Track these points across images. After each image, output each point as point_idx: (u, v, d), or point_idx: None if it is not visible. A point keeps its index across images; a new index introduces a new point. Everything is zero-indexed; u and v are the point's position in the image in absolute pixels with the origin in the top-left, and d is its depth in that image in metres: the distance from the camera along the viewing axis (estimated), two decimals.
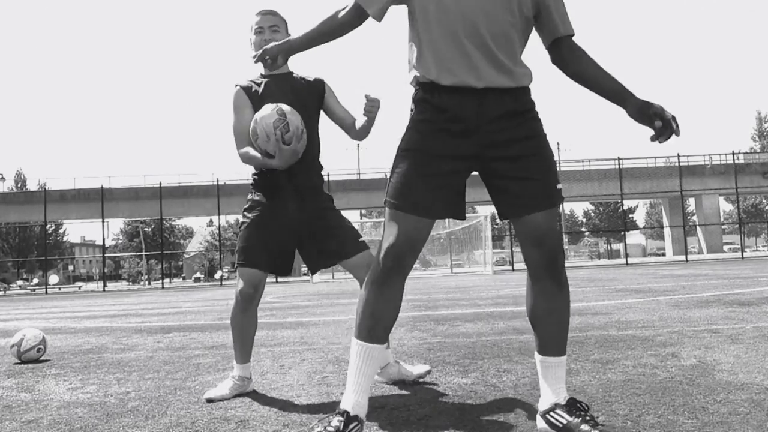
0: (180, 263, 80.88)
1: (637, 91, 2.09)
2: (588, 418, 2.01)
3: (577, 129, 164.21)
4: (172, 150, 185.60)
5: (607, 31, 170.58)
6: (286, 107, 2.82)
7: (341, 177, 46.87)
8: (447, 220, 38.82)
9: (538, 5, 2.08)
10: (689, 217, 62.25)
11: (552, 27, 2.11)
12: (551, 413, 2.05)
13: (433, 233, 44.61)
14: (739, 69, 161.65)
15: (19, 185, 61.93)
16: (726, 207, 77.45)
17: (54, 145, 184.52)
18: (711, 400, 2.40)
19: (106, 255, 41.47)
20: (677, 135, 1.98)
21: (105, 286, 37.78)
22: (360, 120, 3.04)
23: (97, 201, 37.23)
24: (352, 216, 46.09)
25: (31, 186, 58.90)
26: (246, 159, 2.97)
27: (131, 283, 55.11)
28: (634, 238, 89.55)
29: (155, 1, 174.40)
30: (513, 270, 33.42)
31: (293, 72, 3.13)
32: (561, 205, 2.14)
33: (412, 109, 2.13)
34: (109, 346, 5.32)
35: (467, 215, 42.61)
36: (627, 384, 2.76)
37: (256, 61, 2.37)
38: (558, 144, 78.23)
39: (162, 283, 39.26)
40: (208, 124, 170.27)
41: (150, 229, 69.34)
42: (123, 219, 59.52)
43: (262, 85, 3.05)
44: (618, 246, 75.87)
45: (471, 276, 25.88)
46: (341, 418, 1.99)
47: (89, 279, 78.01)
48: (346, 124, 3.11)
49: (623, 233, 44.19)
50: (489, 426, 2.22)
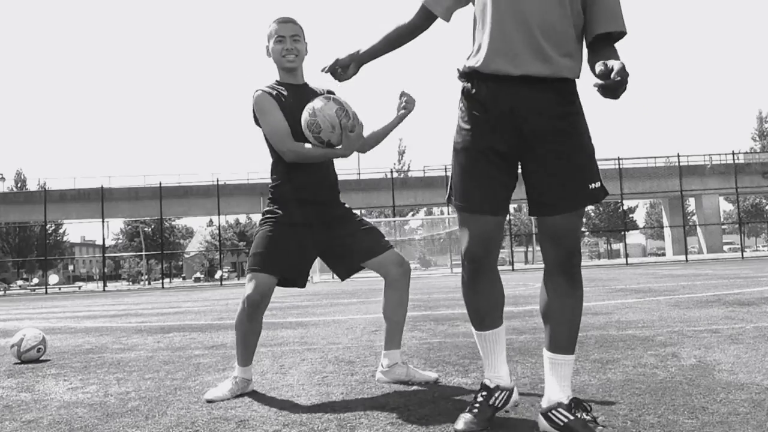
0: (180, 263, 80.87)
1: (637, 91, 2.08)
2: (589, 418, 2.00)
3: None
4: (172, 150, 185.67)
5: None
6: (317, 103, 2.77)
7: (341, 177, 46.62)
8: (447, 220, 38.84)
9: None
10: (689, 217, 62.25)
11: (591, 22, 2.05)
12: (552, 412, 2.05)
13: (433, 233, 44.64)
14: (740, 69, 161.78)
15: (19, 185, 61.91)
16: (726, 207, 77.46)
17: (54, 145, 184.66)
18: (711, 400, 2.40)
19: (106, 255, 41.48)
20: (620, 87, 1.82)
21: (105, 286, 37.79)
22: (375, 126, 3.04)
23: (97, 201, 37.23)
24: None
25: (31, 186, 58.91)
26: (303, 155, 2.85)
27: (131, 283, 55.11)
28: (634, 238, 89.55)
29: (155, 1, 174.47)
30: (513, 270, 33.42)
31: (308, 83, 3.10)
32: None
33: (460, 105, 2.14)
34: (109, 346, 5.32)
35: None
36: (627, 384, 2.76)
37: (326, 71, 2.34)
38: None
39: (162, 283, 39.27)
40: (208, 124, 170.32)
41: (150, 229, 69.31)
42: (123, 219, 59.52)
43: (279, 94, 2.99)
44: (618, 246, 75.87)
45: None
46: (484, 392, 2.18)
47: (89, 279, 78.02)
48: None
49: (623, 233, 44.23)
50: (489, 426, 2.22)
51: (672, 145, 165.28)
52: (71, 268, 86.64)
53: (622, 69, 1.82)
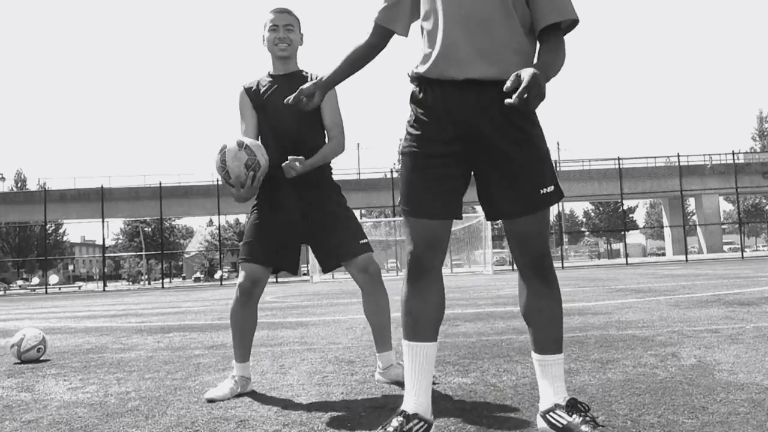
0: (180, 263, 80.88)
1: (637, 91, 2.05)
2: (588, 418, 1.99)
3: (577, 129, 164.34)
4: (172, 150, 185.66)
5: (607, 31, 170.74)
6: (231, 151, 2.76)
7: (341, 177, 46.85)
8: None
9: None
10: (689, 217, 62.24)
11: (536, 15, 1.98)
12: (551, 413, 2.04)
13: None
14: (740, 69, 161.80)
15: (19, 185, 61.90)
16: (726, 207, 77.44)
17: (54, 145, 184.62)
18: (711, 400, 2.40)
19: (106, 255, 41.48)
20: (529, 103, 1.73)
21: (105, 286, 37.78)
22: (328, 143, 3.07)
23: (97, 201, 37.20)
24: None
25: (31, 186, 58.88)
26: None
27: (131, 283, 55.10)
28: (634, 238, 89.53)
29: (155, 1, 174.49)
30: (513, 270, 33.42)
31: (303, 71, 3.12)
32: (559, 204, 2.12)
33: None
34: (109, 346, 5.32)
35: (468, 215, 42.60)
36: (627, 384, 2.76)
37: (292, 103, 2.29)
38: (558, 144, 78.25)
39: (162, 283, 39.27)
40: (208, 124, 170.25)
41: (150, 229, 69.32)
42: (123, 219, 59.52)
43: (266, 85, 3.06)
44: (618, 246, 75.86)
45: (471, 276, 25.88)
46: (401, 418, 1.98)
47: (89, 279, 77.97)
48: (327, 133, 3.11)
49: (623, 233, 44.21)
50: (489, 426, 2.22)
51: (672, 145, 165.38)
52: (71, 268, 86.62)
53: (530, 79, 1.71)
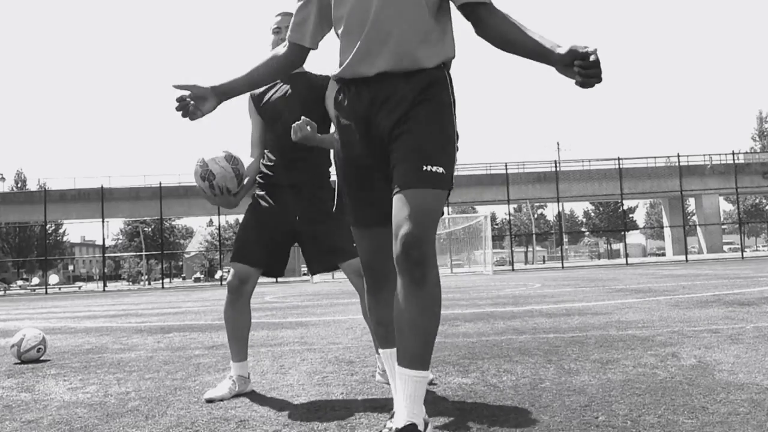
0: (180, 263, 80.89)
1: (637, 91, 2.03)
2: None
3: (577, 129, 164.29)
4: (172, 150, 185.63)
5: (607, 30, 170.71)
6: (209, 159, 2.76)
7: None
8: (447, 219, 38.84)
9: None
10: (689, 217, 62.24)
11: None
12: None
13: None
14: (740, 69, 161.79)
15: (19, 185, 61.88)
16: (726, 207, 77.47)
17: (54, 145, 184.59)
18: (711, 400, 2.40)
19: (106, 255, 41.46)
20: (599, 75, 1.72)
21: (105, 286, 37.78)
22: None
23: (97, 201, 37.20)
24: None
25: (31, 186, 58.87)
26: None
27: (131, 283, 55.10)
28: (634, 238, 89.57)
29: (155, 1, 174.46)
30: (513, 270, 33.42)
31: (307, 71, 3.13)
32: (559, 204, 2.03)
33: None
34: (109, 346, 5.32)
35: (468, 215, 42.52)
36: (627, 384, 2.76)
37: (178, 108, 2.03)
38: (558, 144, 78.24)
39: (162, 283, 39.26)
40: (208, 124, 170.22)
41: (150, 229, 69.32)
42: (123, 219, 59.51)
43: (271, 88, 3.10)
44: (618, 246, 75.88)
45: (471, 276, 25.89)
46: (391, 423, 1.82)
47: (89, 279, 77.98)
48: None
49: (623, 233, 44.21)
50: (489, 426, 2.22)
51: (672, 145, 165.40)
52: (71, 268, 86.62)
53: (595, 59, 1.69)
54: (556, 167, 39.98)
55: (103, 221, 36.40)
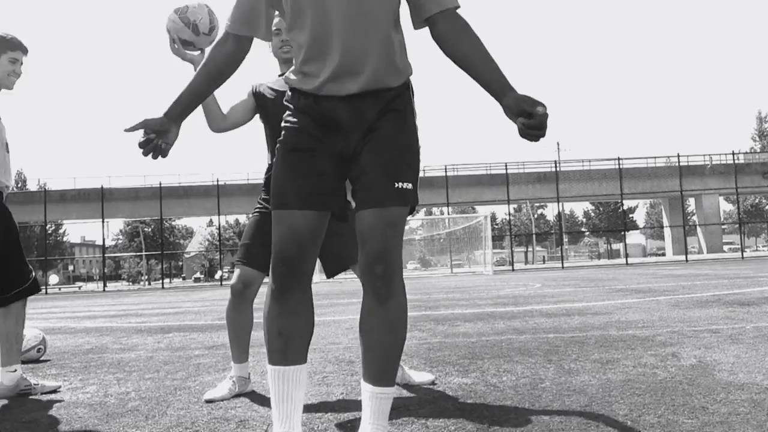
0: (180, 263, 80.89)
1: (637, 91, 2.01)
2: None
3: (577, 129, 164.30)
4: (172, 150, 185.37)
5: (607, 30, 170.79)
6: (167, 20, 2.81)
7: None
8: (447, 220, 38.83)
9: None
10: (689, 217, 62.22)
11: (417, 8, 1.84)
12: None
13: (433, 233, 44.65)
14: (740, 69, 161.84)
15: (19, 185, 61.83)
16: (726, 207, 77.45)
17: (54, 145, 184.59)
18: (711, 400, 2.40)
19: (106, 255, 41.48)
20: (542, 135, 1.70)
21: (105, 286, 37.79)
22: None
23: (97, 201, 37.19)
24: None
25: (31, 186, 58.87)
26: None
27: (131, 284, 55.11)
28: (634, 238, 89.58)
29: (155, 2, 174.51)
30: (513, 270, 33.42)
31: None
32: (559, 204, 1.94)
33: None
34: (109, 346, 5.32)
35: (468, 215, 42.47)
36: (627, 384, 2.76)
37: (144, 151, 1.88)
38: (558, 144, 78.19)
39: (162, 283, 39.27)
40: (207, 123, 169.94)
41: (150, 229, 69.32)
42: (123, 219, 59.50)
43: (272, 92, 3.04)
44: (618, 246, 75.86)
45: (471, 276, 25.89)
46: None
47: (89, 279, 77.96)
48: None
49: (623, 233, 44.22)
50: (489, 426, 2.22)
51: (672, 145, 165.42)
52: (71, 268, 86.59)
53: (545, 119, 1.67)
54: (556, 167, 39.99)
55: (103, 221, 36.41)
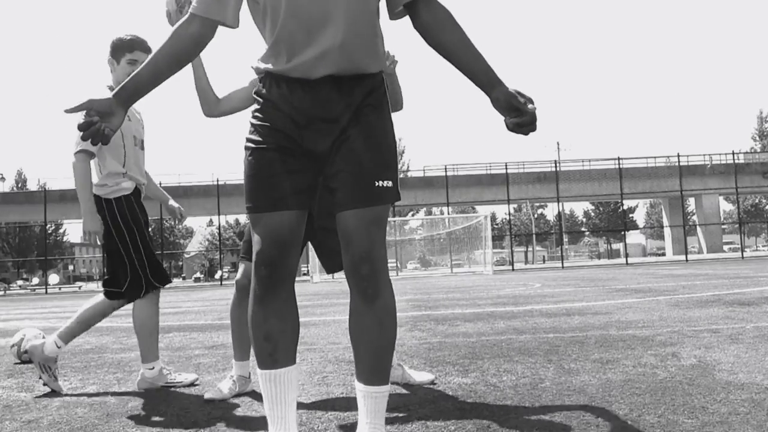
0: (180, 263, 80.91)
1: (637, 91, 2.01)
2: None
3: (577, 129, 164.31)
4: (172, 150, 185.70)
5: (608, 31, 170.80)
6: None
7: None
8: (447, 220, 38.84)
9: None
10: (689, 217, 62.23)
11: None
12: None
13: (433, 233, 44.65)
14: (740, 69, 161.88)
15: (20, 185, 61.91)
16: (726, 207, 77.48)
17: (54, 145, 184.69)
18: (711, 400, 2.40)
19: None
20: (533, 130, 1.73)
21: None
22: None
23: None
24: None
25: (31, 186, 58.87)
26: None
27: None
28: (634, 237, 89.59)
29: (155, 2, 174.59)
30: (513, 270, 33.41)
31: None
32: (559, 204, 1.93)
33: None
34: (109, 346, 5.32)
35: (468, 215, 42.43)
36: (627, 384, 2.76)
37: (83, 132, 1.71)
38: (558, 144, 78.21)
39: None
40: (208, 124, 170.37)
41: (150, 229, 69.31)
42: None
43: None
44: (618, 246, 75.88)
45: (471, 276, 25.88)
46: None
47: (89, 279, 77.96)
48: None
49: (623, 233, 44.24)
50: (489, 426, 2.22)
51: (672, 145, 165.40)
52: (71, 268, 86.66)
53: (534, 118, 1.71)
54: (556, 167, 40.00)
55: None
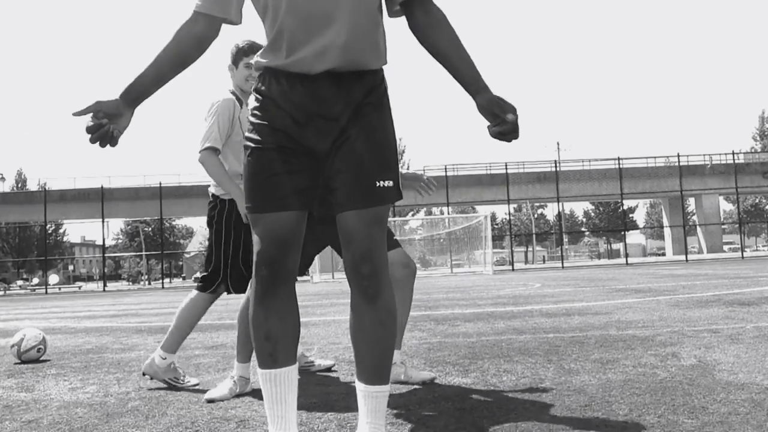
0: (180, 263, 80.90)
1: (637, 91, 2.01)
2: None
3: (577, 129, 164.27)
4: (172, 150, 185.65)
5: (608, 30, 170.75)
6: None
7: None
8: (447, 220, 38.81)
9: None
10: (689, 217, 62.24)
11: None
12: None
13: (433, 233, 44.63)
14: (740, 69, 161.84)
15: (20, 185, 61.91)
16: (726, 207, 77.49)
17: (54, 145, 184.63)
18: (711, 400, 2.40)
19: (106, 255, 41.49)
20: (515, 138, 1.75)
21: (105, 286, 37.77)
22: None
23: (97, 201, 37.20)
24: None
25: (31, 186, 58.88)
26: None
27: (131, 283, 55.08)
28: (634, 237, 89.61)
29: (155, 2, 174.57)
30: (513, 270, 33.41)
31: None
32: (559, 204, 1.93)
33: None
34: (109, 346, 5.32)
35: (468, 215, 42.41)
36: (627, 384, 2.76)
37: (92, 136, 1.71)
38: (558, 144, 78.24)
39: (162, 283, 39.27)
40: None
41: (150, 229, 69.35)
42: (123, 219, 59.57)
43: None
44: (618, 246, 75.89)
45: (471, 276, 25.88)
46: None
47: (89, 279, 77.97)
48: None
49: (623, 233, 44.22)
50: (489, 426, 2.22)
51: (672, 145, 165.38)
52: (71, 268, 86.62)
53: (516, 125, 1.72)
54: (556, 167, 39.99)
55: (103, 221, 36.42)
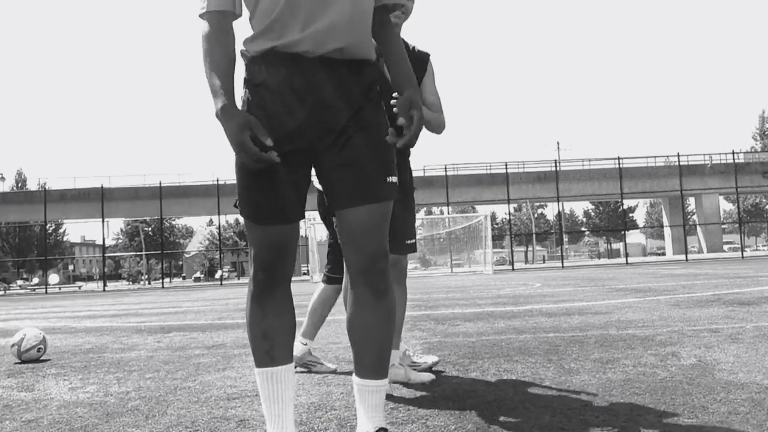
0: (180, 263, 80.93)
1: (637, 91, 2.02)
2: None
3: (577, 129, 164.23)
4: (172, 150, 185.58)
5: (608, 30, 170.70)
6: None
7: None
8: (447, 220, 38.80)
9: None
10: (689, 217, 62.26)
11: None
12: None
13: (433, 233, 44.62)
14: (740, 69, 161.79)
15: (20, 185, 61.95)
16: (726, 206, 77.49)
17: (54, 145, 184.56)
18: (711, 399, 2.40)
19: (106, 255, 41.51)
20: (411, 144, 1.72)
21: (105, 285, 37.79)
22: None
23: (97, 201, 37.22)
24: None
25: (31, 186, 59.00)
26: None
27: (131, 283, 55.11)
28: (634, 237, 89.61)
29: (155, 2, 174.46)
30: (513, 270, 33.41)
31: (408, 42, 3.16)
32: (559, 204, 1.96)
33: None
34: (109, 345, 5.32)
35: (468, 214, 42.41)
36: (627, 384, 2.76)
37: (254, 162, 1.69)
38: (558, 144, 78.22)
39: (162, 283, 39.29)
40: (208, 124, 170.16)
41: (150, 229, 69.35)
42: (123, 219, 59.58)
43: None
44: (618, 245, 75.89)
45: (471, 276, 25.88)
46: None
47: (89, 279, 78.01)
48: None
49: (623, 233, 44.22)
50: (489, 426, 2.22)
51: (672, 145, 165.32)
52: (71, 267, 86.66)
53: (419, 126, 1.71)
54: (556, 167, 40.01)
55: (103, 221, 36.44)
